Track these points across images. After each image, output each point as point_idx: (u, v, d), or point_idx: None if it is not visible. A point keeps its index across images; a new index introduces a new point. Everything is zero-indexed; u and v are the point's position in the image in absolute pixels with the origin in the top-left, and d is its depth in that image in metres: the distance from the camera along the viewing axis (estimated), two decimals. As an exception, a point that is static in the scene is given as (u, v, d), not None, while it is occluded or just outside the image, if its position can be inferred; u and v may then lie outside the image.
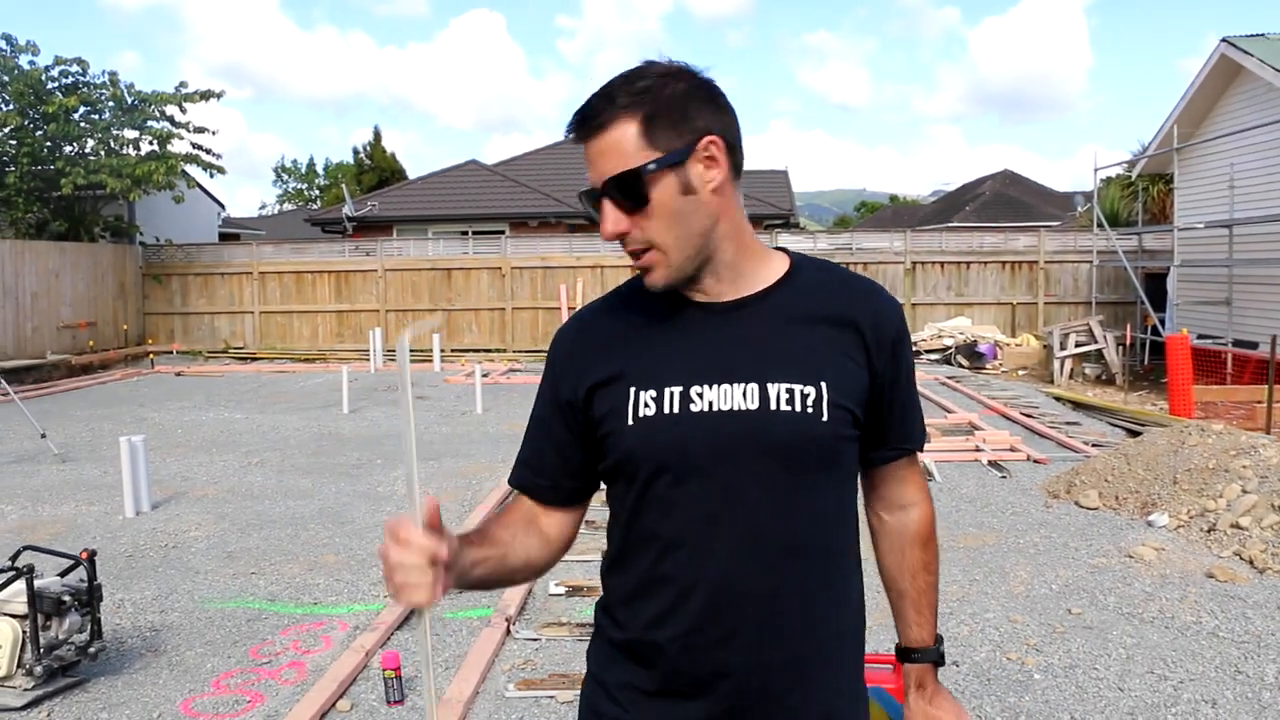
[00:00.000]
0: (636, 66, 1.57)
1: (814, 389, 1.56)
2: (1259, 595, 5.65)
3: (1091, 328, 17.03)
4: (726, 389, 1.56)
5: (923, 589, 1.78)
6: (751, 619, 1.57)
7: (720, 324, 1.60)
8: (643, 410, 1.58)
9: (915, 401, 1.74)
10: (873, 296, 1.67)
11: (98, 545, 6.70)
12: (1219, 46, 15.86)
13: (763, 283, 1.63)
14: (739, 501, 1.56)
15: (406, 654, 4.92)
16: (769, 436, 1.55)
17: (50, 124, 19.84)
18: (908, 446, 1.74)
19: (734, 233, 1.60)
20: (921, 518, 1.77)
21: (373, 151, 43.07)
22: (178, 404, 14.15)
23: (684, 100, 1.54)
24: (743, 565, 1.56)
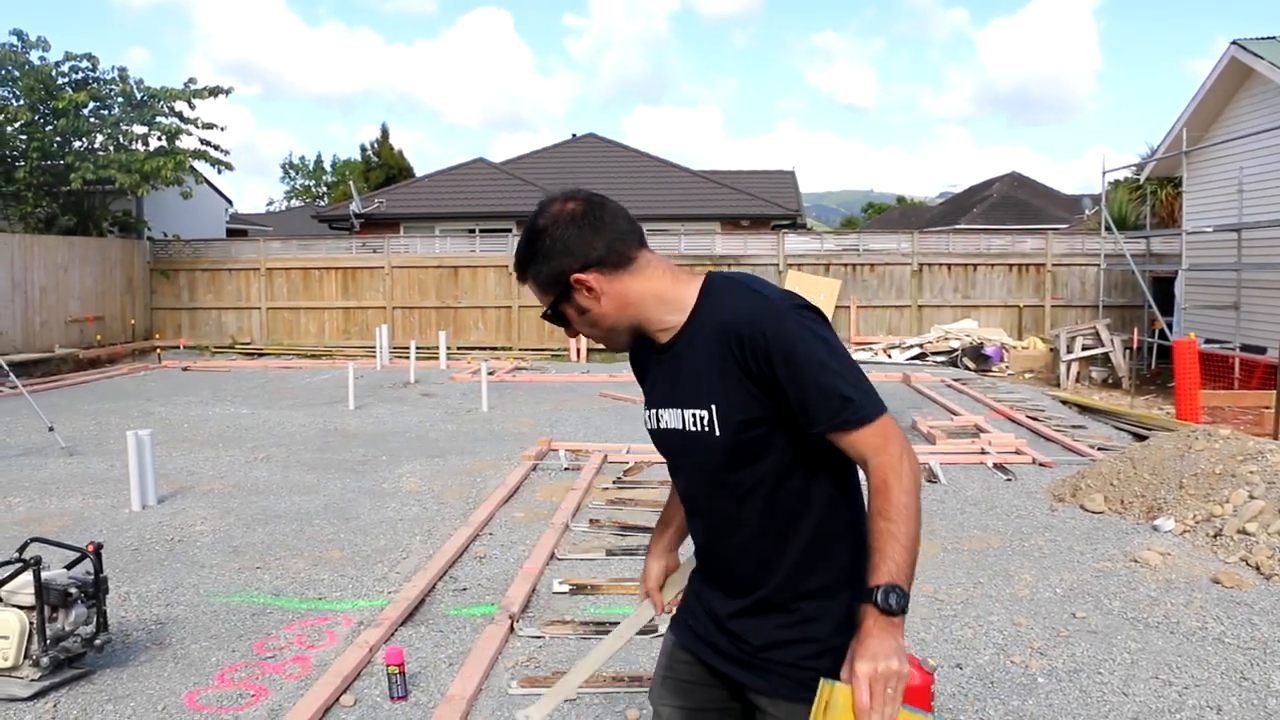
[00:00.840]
0: (534, 213, 2.08)
1: (707, 411, 2.02)
2: (1265, 601, 5.63)
3: (1098, 331, 17.01)
4: (671, 411, 2.12)
5: (876, 534, 1.93)
6: (717, 563, 2.18)
7: (662, 361, 2.15)
8: (649, 423, 2.23)
9: (820, 387, 1.93)
10: (737, 316, 2.00)
11: (104, 538, 6.72)
12: (1229, 49, 15.83)
13: (678, 325, 2.09)
14: (692, 491, 2.19)
15: (410, 650, 4.93)
16: (690, 450, 2.09)
17: (60, 119, 19.91)
18: (815, 430, 1.96)
19: (648, 299, 2.08)
20: (874, 470, 1.96)
21: (380, 149, 43.11)
22: (184, 399, 14.18)
23: (552, 253, 2.04)
24: (709, 527, 2.17)
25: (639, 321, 2.10)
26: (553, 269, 2.05)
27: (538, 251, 2.06)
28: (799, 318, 1.97)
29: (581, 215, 2.05)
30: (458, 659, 4.88)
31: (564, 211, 2.04)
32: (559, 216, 2.04)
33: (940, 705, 4.37)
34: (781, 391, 1.94)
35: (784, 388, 1.93)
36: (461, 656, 4.89)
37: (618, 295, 2.07)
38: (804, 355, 1.94)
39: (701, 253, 20.98)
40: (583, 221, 2.04)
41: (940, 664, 4.83)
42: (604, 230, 2.06)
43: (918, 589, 5.90)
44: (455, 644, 5.11)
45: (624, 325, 2.11)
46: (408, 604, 5.53)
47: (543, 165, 28.93)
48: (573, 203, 2.06)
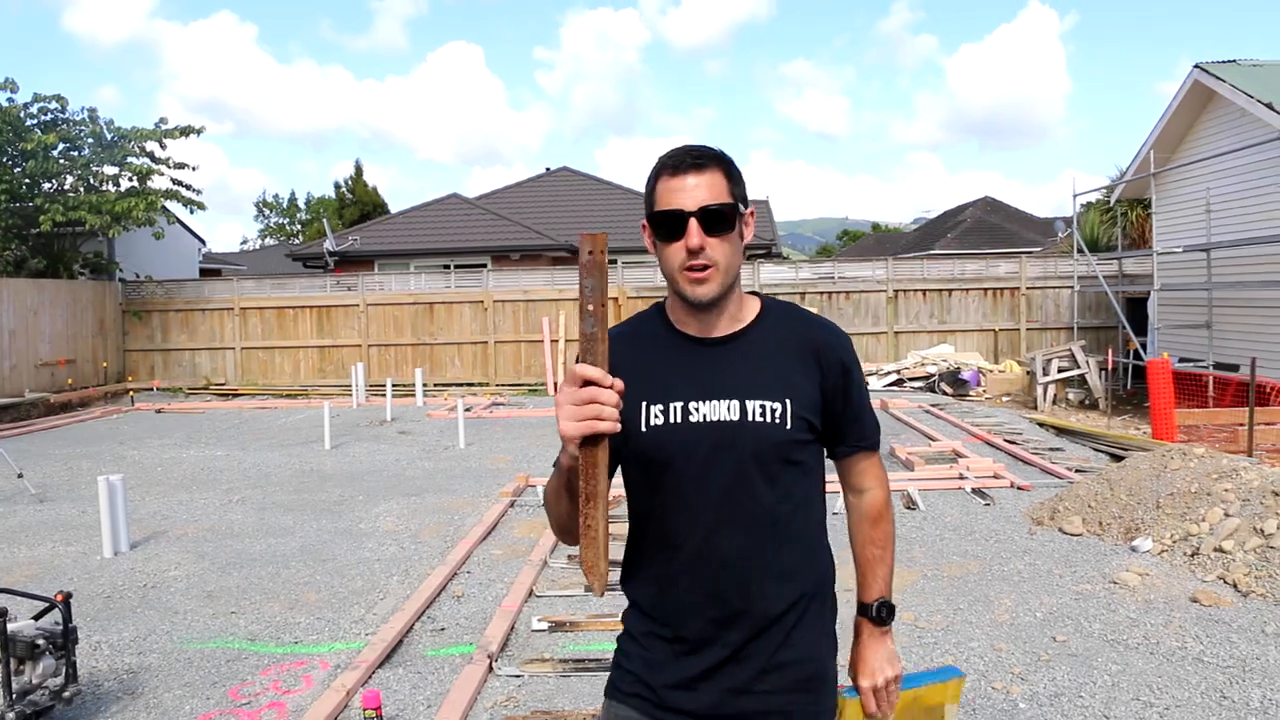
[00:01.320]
0: (702, 144, 2.10)
1: (780, 405, 2.06)
2: (1243, 619, 5.63)
3: (1074, 353, 17.11)
4: (715, 404, 2.07)
5: (869, 559, 2.27)
6: (738, 575, 2.07)
7: (711, 355, 2.11)
8: (654, 420, 2.08)
9: (866, 409, 2.23)
10: (823, 331, 2.18)
11: (75, 586, 6.63)
12: (1192, 73, 16.05)
13: (743, 321, 2.15)
14: (722, 489, 2.06)
15: (388, 693, 4.87)
16: (746, 441, 2.05)
17: (29, 161, 19.80)
18: (860, 444, 2.23)
19: (739, 280, 2.14)
20: (873, 501, 2.26)
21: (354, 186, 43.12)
22: (158, 441, 14.05)
23: (739, 175, 2.11)
24: (724, 537, 2.06)
25: (732, 288, 2.11)
26: (742, 184, 2.11)
27: (733, 164, 2.10)
28: (853, 346, 2.23)
29: None
30: (436, 700, 4.82)
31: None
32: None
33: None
34: (840, 404, 2.15)
35: (847, 400, 2.16)
36: (440, 697, 4.83)
37: (741, 249, 2.12)
38: (860, 376, 2.22)
39: (677, 283, 20.99)
40: None
41: (922, 692, 4.80)
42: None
43: (899, 618, 5.87)
44: (433, 685, 5.05)
45: (735, 276, 2.10)
46: (385, 645, 5.47)
47: (517, 199, 28.98)
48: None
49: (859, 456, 2.25)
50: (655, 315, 2.21)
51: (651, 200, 2.09)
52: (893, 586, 2.28)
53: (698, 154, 2.06)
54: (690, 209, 2.01)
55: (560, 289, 21.03)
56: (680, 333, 2.15)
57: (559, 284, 21.16)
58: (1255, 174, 14.58)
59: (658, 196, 2.07)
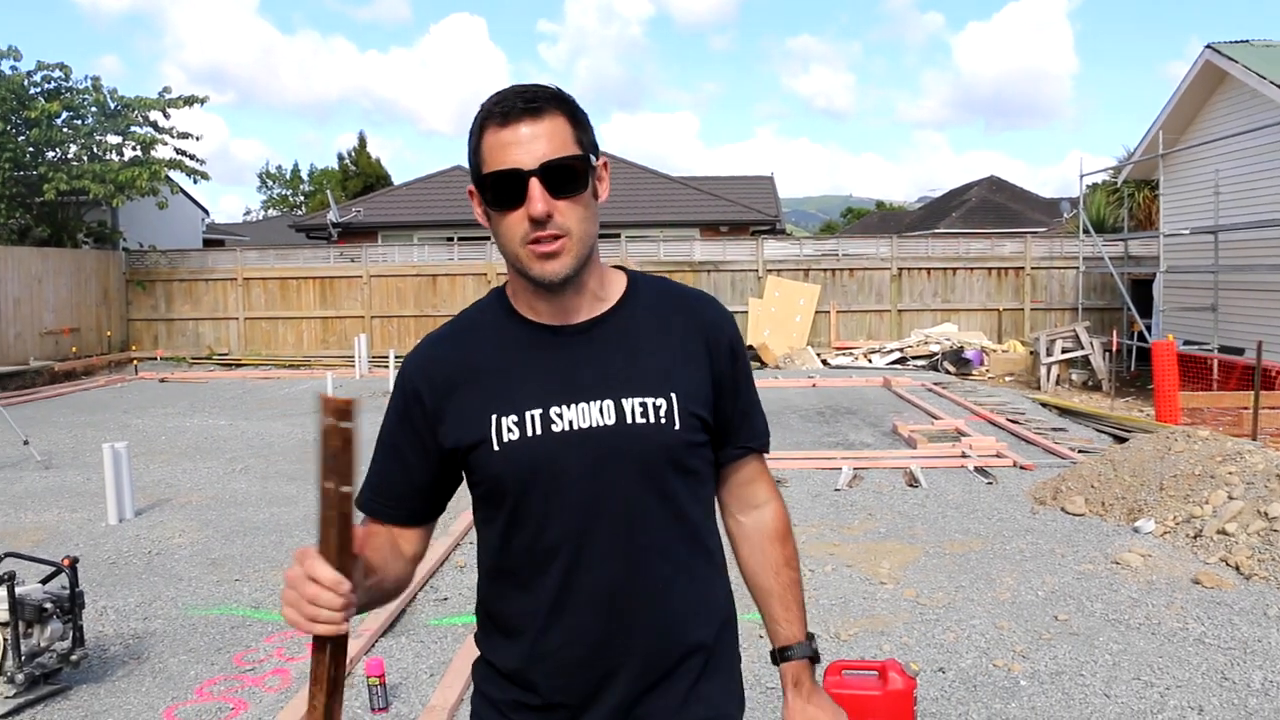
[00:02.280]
0: (531, 83, 1.70)
1: (665, 400, 1.68)
2: (1245, 601, 5.65)
3: (1078, 334, 17.09)
4: (584, 407, 1.66)
5: (787, 584, 1.84)
6: (627, 618, 1.67)
7: (572, 346, 1.71)
8: (506, 435, 1.66)
9: (756, 403, 1.86)
10: (707, 307, 1.81)
11: (81, 552, 6.65)
12: (1203, 53, 15.94)
13: (608, 301, 1.74)
14: (600, 514, 1.66)
15: (391, 661, 4.89)
16: (626, 450, 1.66)
17: (33, 129, 19.74)
18: (752, 445, 1.84)
19: (597, 251, 1.72)
20: (775, 514, 1.86)
21: (358, 157, 43.02)
22: (162, 410, 14.08)
23: (585, 117, 1.69)
24: (605, 574, 1.67)
25: (590, 260, 1.70)
26: (589, 128, 1.70)
27: (575, 104, 1.69)
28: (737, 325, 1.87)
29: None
30: (439, 669, 4.85)
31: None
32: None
33: (923, 710, 4.36)
34: (730, 396, 1.78)
35: (737, 390, 1.80)
36: (442, 666, 4.86)
37: (596, 211, 1.70)
38: (748, 362, 1.85)
39: (680, 259, 20.98)
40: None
41: (923, 668, 4.83)
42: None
43: (902, 593, 5.90)
44: (436, 654, 5.07)
45: (592, 244, 1.69)
46: (388, 614, 5.49)
47: (521, 173, 28.82)
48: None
49: (751, 461, 1.85)
50: (495, 303, 1.78)
51: (478, 160, 1.65)
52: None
53: (530, 96, 1.64)
54: (529, 167, 1.59)
55: (564, 263, 20.96)
56: (530, 322, 1.73)
57: (563, 258, 21.10)
58: (1266, 156, 14.51)
59: (485, 153, 1.63)
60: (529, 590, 1.70)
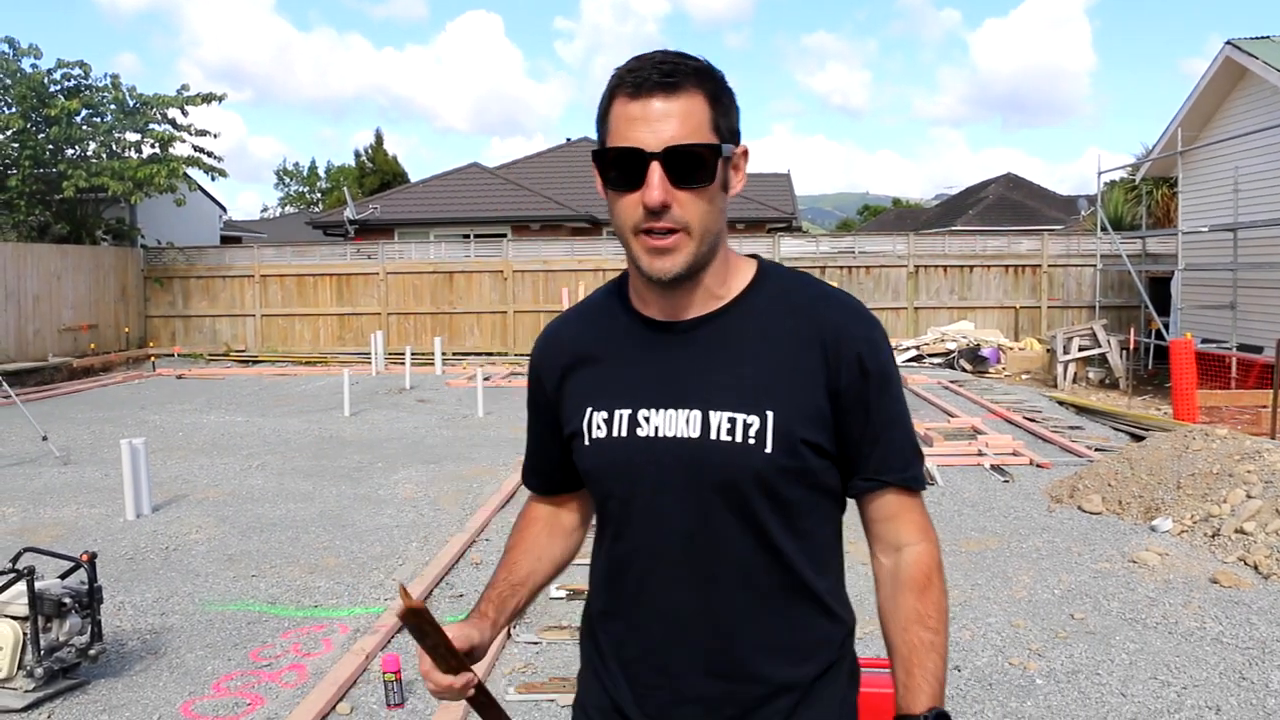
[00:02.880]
0: (676, 50, 1.50)
1: (757, 418, 1.50)
2: (1264, 601, 5.62)
3: (1095, 332, 17.01)
4: (671, 414, 1.53)
5: (914, 646, 1.55)
6: (697, 645, 1.55)
7: (676, 344, 1.57)
8: (595, 432, 1.59)
9: (899, 428, 1.58)
10: (834, 312, 1.57)
11: (99, 548, 6.68)
12: (1223, 49, 15.84)
13: (723, 298, 1.58)
14: (676, 531, 1.54)
15: (406, 657, 4.91)
16: (707, 468, 1.51)
17: (52, 127, 19.87)
18: (884, 479, 1.57)
19: (724, 245, 1.58)
20: (916, 561, 1.58)
21: (374, 154, 43.12)
22: (179, 407, 14.15)
23: (730, 99, 1.51)
24: (682, 595, 1.55)
25: (712, 257, 1.54)
26: (734, 112, 1.53)
27: (722, 83, 1.51)
28: (887, 337, 1.62)
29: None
30: (454, 666, 4.85)
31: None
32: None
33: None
34: (857, 417, 1.54)
35: (868, 411, 1.54)
36: (458, 663, 4.86)
37: (725, 204, 1.54)
38: (896, 384, 1.59)
39: (697, 256, 20.94)
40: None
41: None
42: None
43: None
44: (452, 651, 5.07)
45: (716, 241, 1.53)
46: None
47: (537, 169, 28.92)
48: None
49: (886, 496, 1.58)
50: (613, 292, 1.67)
51: (603, 130, 1.50)
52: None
53: (669, 68, 1.45)
54: (652, 149, 1.43)
55: (580, 259, 21.02)
56: (639, 315, 1.60)
57: (579, 254, 21.16)
58: (1284, 153, 14.41)
59: (611, 125, 1.48)
60: (610, 595, 1.65)
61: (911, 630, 1.55)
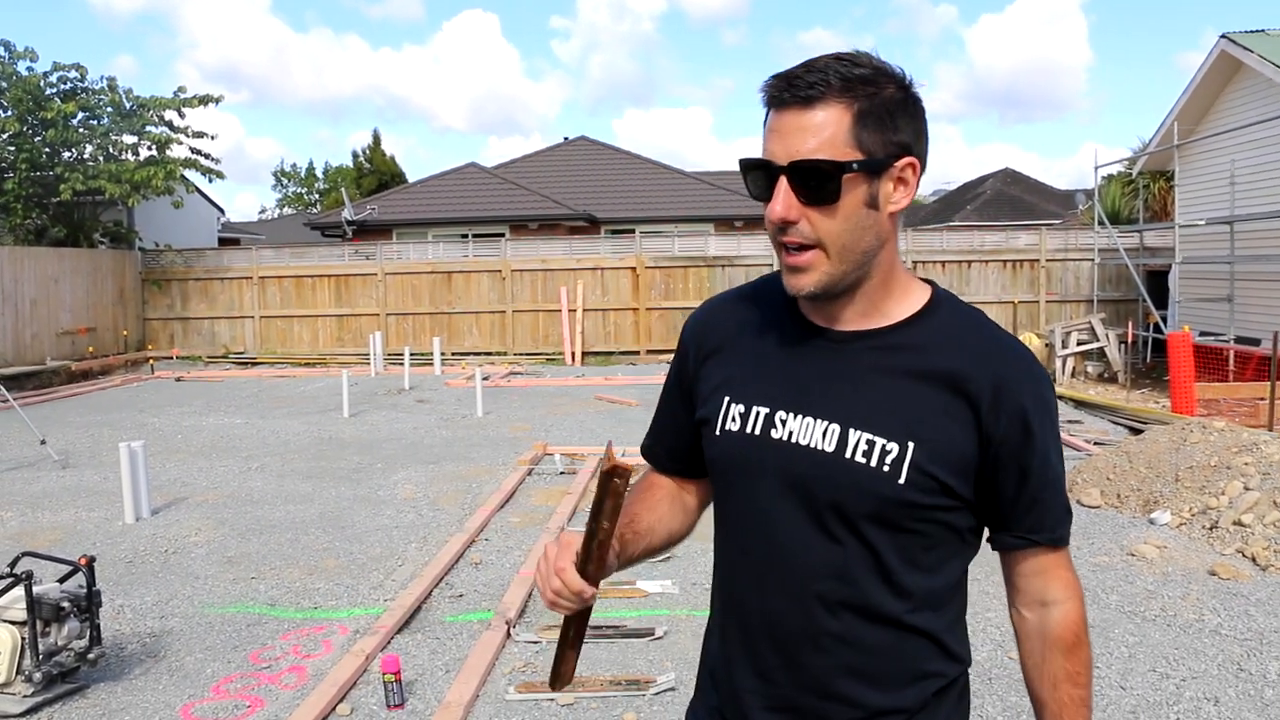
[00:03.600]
0: (851, 52, 1.46)
1: (897, 446, 1.45)
2: (1262, 593, 5.62)
3: (1093, 326, 17.02)
4: (810, 423, 1.50)
5: (1065, 704, 1.55)
6: (790, 661, 1.53)
7: (829, 353, 1.53)
8: (729, 424, 1.56)
9: (1051, 491, 1.54)
10: (1006, 360, 1.50)
11: (98, 551, 6.69)
12: (1219, 43, 15.84)
13: (888, 318, 1.53)
14: (789, 539, 1.51)
15: (406, 658, 4.91)
16: (834, 484, 1.47)
17: (49, 130, 19.85)
18: (1034, 538, 1.54)
19: (888, 262, 1.51)
20: (1066, 618, 1.55)
21: (372, 155, 43.10)
22: (178, 409, 14.14)
23: (896, 108, 1.44)
24: (781, 605, 1.53)
25: (866, 277, 1.50)
26: (892, 123, 1.44)
27: (878, 93, 1.43)
28: (1055, 393, 1.59)
29: (925, 112, 1.51)
30: (454, 665, 4.86)
31: (913, 90, 1.49)
32: (909, 88, 1.48)
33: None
34: (1010, 475, 1.50)
35: (1025, 471, 1.50)
36: (458, 663, 4.87)
37: (897, 227, 1.51)
38: (1058, 443, 1.55)
39: (695, 253, 20.96)
40: (925, 119, 1.51)
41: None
42: (928, 150, 1.52)
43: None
44: (452, 651, 5.09)
45: (865, 261, 1.47)
46: (404, 611, 5.51)
47: (535, 168, 28.91)
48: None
49: (1036, 554, 1.56)
50: (780, 283, 1.59)
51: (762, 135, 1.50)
52: None
53: (810, 81, 1.40)
54: (780, 161, 1.41)
55: (579, 258, 21.00)
56: (798, 313, 1.57)
57: (577, 253, 21.14)
58: (1280, 146, 14.42)
59: (763, 132, 1.47)
60: (722, 587, 1.64)
61: (1062, 688, 1.55)
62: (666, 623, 5.37)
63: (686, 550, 6.24)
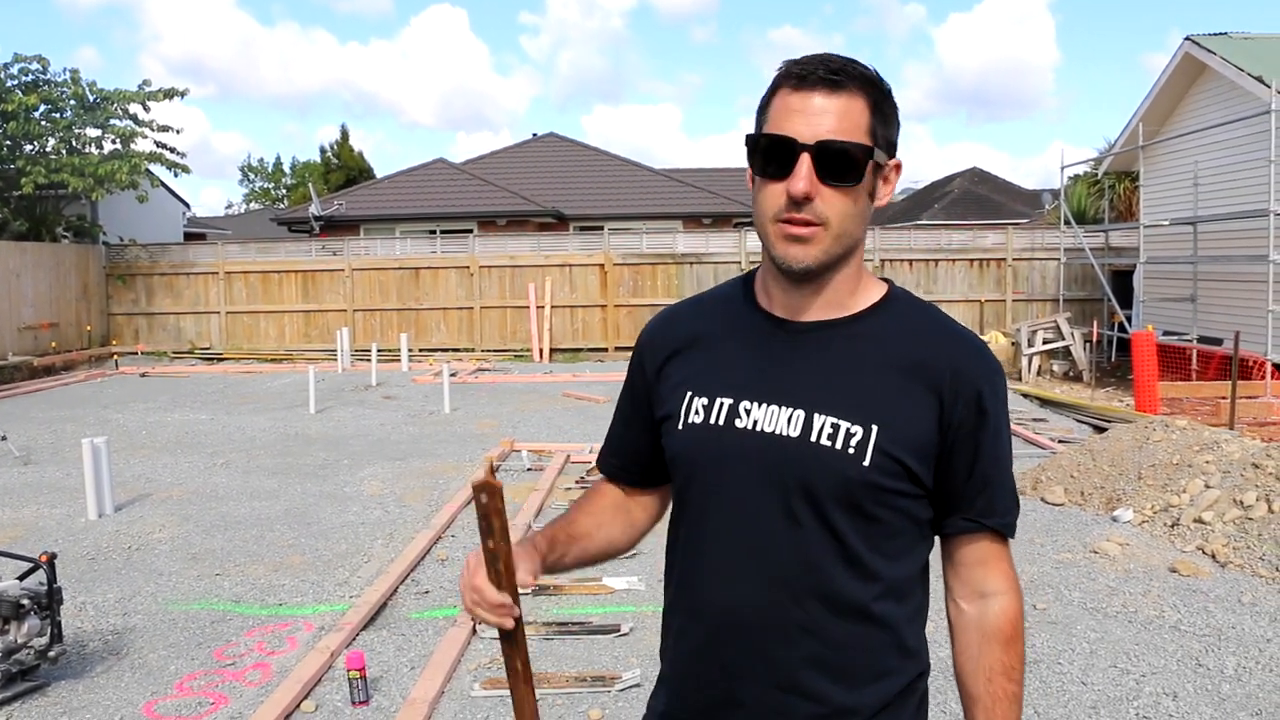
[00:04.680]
0: (846, 55, 1.52)
1: (861, 430, 1.48)
2: (1220, 589, 5.70)
3: (1059, 325, 17.17)
4: (774, 411, 1.52)
5: (998, 698, 1.57)
6: (753, 652, 1.53)
7: (792, 344, 1.56)
8: (692, 417, 1.58)
9: (1001, 473, 1.58)
10: (962, 349, 1.56)
11: (60, 548, 6.62)
12: (1183, 45, 16.02)
13: (848, 310, 1.57)
14: (756, 527, 1.52)
15: (371, 654, 4.89)
16: (801, 468, 1.49)
17: (10, 123, 19.58)
18: (984, 522, 1.57)
19: (860, 255, 1.57)
20: (1005, 611, 1.58)
21: (340, 150, 42.81)
22: (142, 405, 14.01)
23: (892, 111, 1.53)
24: (746, 594, 1.53)
25: (844, 263, 1.55)
26: (894, 123, 1.54)
27: (886, 93, 1.53)
28: (1006, 383, 1.63)
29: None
30: (420, 662, 4.85)
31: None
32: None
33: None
34: (964, 457, 1.54)
35: (977, 452, 1.54)
36: (424, 660, 4.86)
37: (868, 212, 1.55)
38: (1008, 429, 1.59)
39: (664, 250, 20.97)
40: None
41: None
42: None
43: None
44: (417, 647, 5.07)
45: (851, 247, 1.53)
46: (369, 608, 5.49)
47: (504, 164, 28.83)
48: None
49: (983, 540, 1.58)
50: (740, 285, 1.68)
51: (763, 118, 1.52)
52: None
53: (836, 67, 1.47)
54: (806, 140, 1.45)
55: (547, 255, 20.97)
56: (759, 308, 1.61)
57: (545, 250, 21.11)
58: (1243, 148, 14.60)
59: (771, 113, 1.50)
60: (681, 587, 1.63)
61: (996, 682, 1.56)
62: (632, 619, 5.37)
63: (652, 546, 6.25)
